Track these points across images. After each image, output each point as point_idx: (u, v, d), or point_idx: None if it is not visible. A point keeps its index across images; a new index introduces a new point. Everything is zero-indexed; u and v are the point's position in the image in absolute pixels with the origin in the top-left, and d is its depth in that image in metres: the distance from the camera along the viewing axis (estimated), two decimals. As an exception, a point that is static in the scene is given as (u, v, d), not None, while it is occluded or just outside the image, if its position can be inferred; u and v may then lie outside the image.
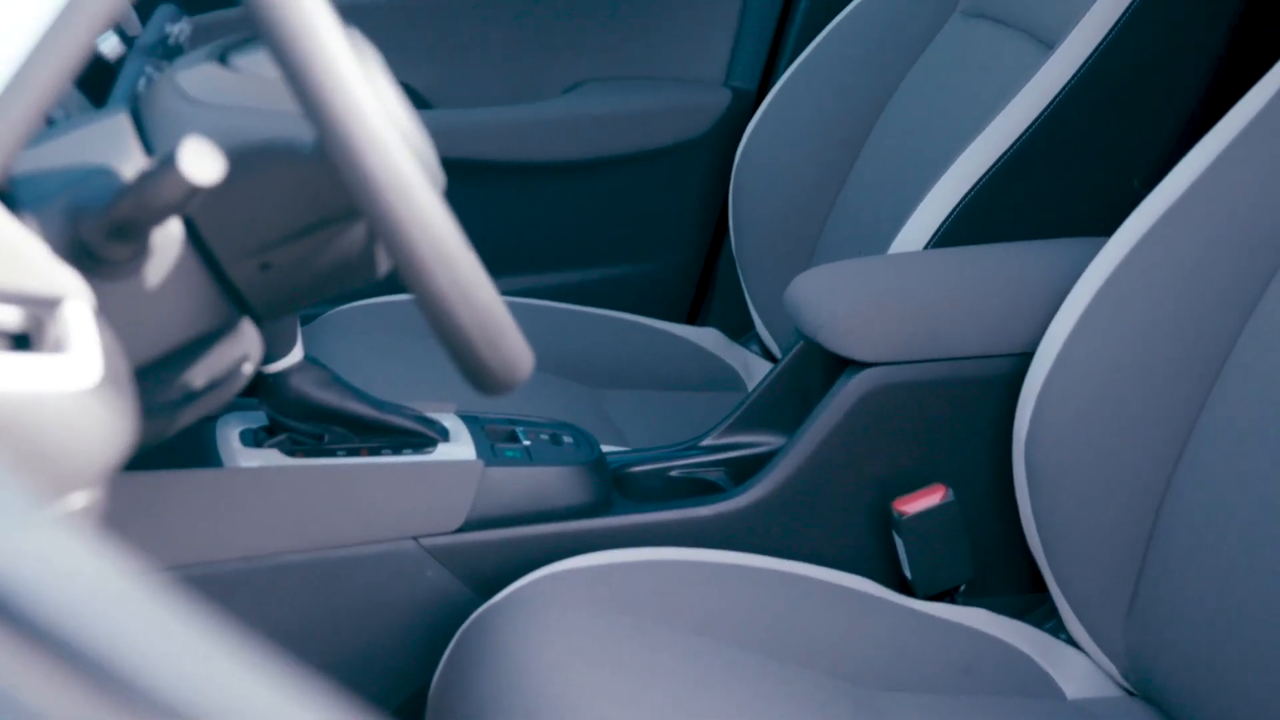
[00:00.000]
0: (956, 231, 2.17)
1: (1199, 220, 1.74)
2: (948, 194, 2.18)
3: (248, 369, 1.24)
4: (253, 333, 1.23)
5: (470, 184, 2.68)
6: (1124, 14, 2.16)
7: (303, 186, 1.14)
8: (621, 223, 2.79)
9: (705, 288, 2.88)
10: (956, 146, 2.21)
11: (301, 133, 1.13)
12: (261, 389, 1.72)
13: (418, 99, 2.73)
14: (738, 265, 2.56)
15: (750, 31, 2.80)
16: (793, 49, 2.76)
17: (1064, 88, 2.17)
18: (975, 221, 2.17)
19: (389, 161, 1.01)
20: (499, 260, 2.64)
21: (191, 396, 1.21)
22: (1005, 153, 2.17)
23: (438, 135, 2.53)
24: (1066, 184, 2.23)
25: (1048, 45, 2.24)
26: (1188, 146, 1.82)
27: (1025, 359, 1.83)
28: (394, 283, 1.19)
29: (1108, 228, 1.83)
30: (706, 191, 2.79)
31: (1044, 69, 2.17)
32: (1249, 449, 1.64)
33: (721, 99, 2.76)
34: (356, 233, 1.19)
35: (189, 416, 1.22)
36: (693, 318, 2.88)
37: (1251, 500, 1.61)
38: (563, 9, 2.76)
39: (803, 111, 2.52)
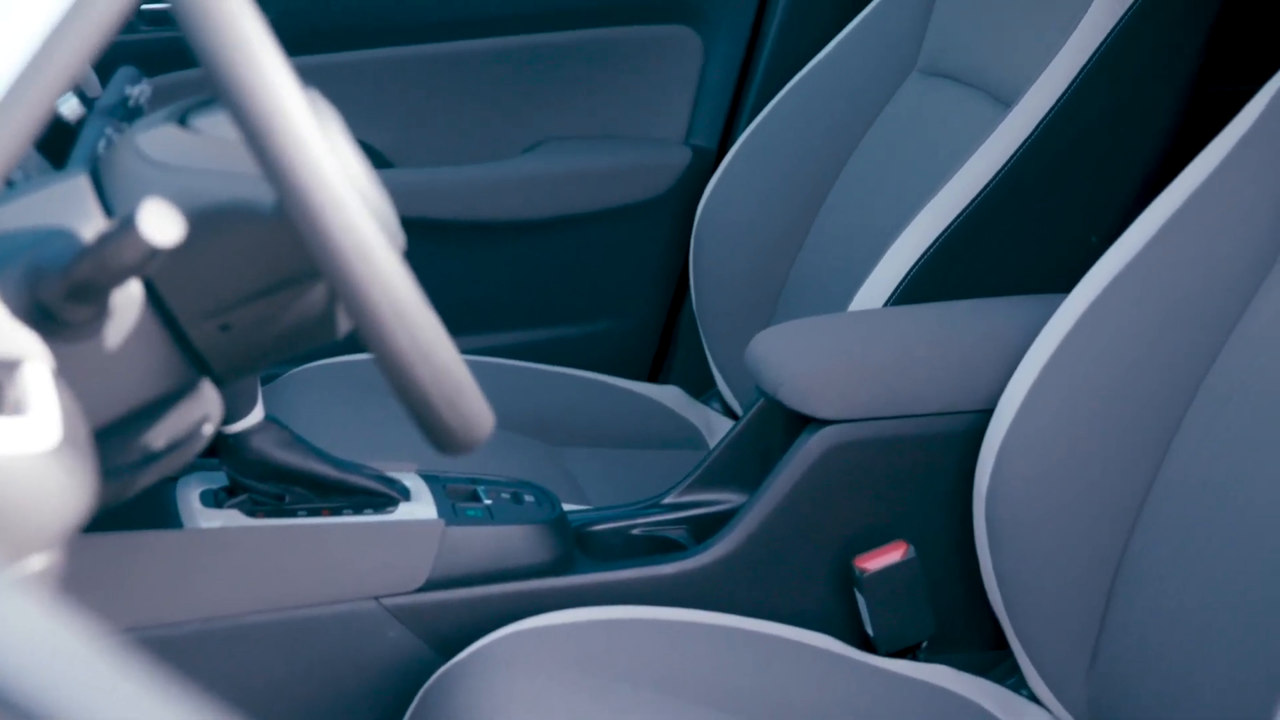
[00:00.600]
0: (916, 288, 2.18)
1: (1156, 277, 1.75)
2: (907, 251, 2.19)
3: (208, 430, 1.24)
4: (213, 393, 1.23)
5: (431, 243, 2.68)
6: (1080, 72, 2.18)
7: (263, 248, 1.14)
8: (582, 281, 2.79)
9: (666, 345, 2.88)
10: (916, 204, 2.22)
11: (262, 194, 1.13)
12: (222, 449, 1.71)
13: (378, 158, 2.73)
14: (698, 323, 2.56)
15: (710, 90, 2.81)
16: (752, 107, 2.77)
17: (1021, 145, 2.18)
18: (935, 278, 2.18)
19: (348, 222, 1.01)
20: (460, 319, 2.64)
21: (151, 458, 1.21)
22: (964, 210, 2.18)
23: (398, 194, 2.53)
24: (1025, 241, 2.24)
25: (1005, 103, 2.25)
26: (1145, 203, 1.83)
27: (985, 416, 1.84)
28: (355, 342, 1.19)
29: (1066, 284, 1.84)
30: (667, 249, 2.80)
31: (1001, 127, 2.18)
32: (1207, 506, 1.65)
33: (682, 157, 2.77)
34: (317, 293, 1.19)
35: (149, 478, 1.22)
36: (654, 375, 2.89)
37: (1210, 557, 1.62)
38: (523, 68, 2.77)
39: (763, 169, 2.53)
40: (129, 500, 1.22)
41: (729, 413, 2.57)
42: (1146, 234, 1.76)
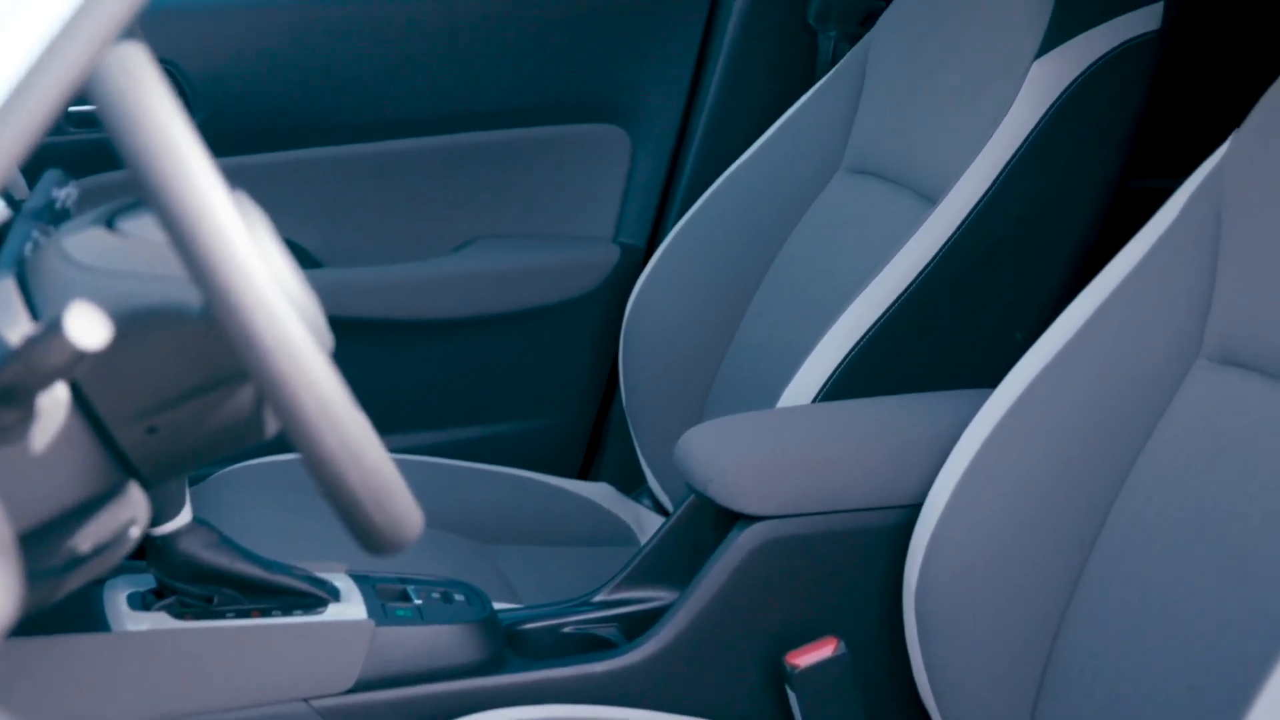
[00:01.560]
0: (844, 384, 2.19)
1: (1080, 373, 1.76)
2: (835, 347, 2.20)
3: (135, 532, 1.24)
4: (140, 495, 1.23)
5: (360, 342, 2.68)
6: (1003, 170, 2.21)
7: (190, 349, 1.14)
8: (512, 379, 2.80)
9: (597, 443, 2.88)
10: (843, 300, 2.23)
11: (189, 296, 1.13)
12: (150, 552, 1.70)
13: (307, 258, 2.73)
14: (628, 420, 2.56)
15: (638, 188, 2.83)
16: (680, 205, 2.79)
17: (946, 242, 2.20)
18: (862, 374, 2.20)
19: (275, 324, 1.01)
20: (390, 418, 2.63)
21: (78, 561, 1.20)
22: (890, 306, 2.20)
23: (327, 294, 2.53)
24: (951, 336, 2.26)
25: (930, 201, 2.27)
26: (1069, 299, 1.85)
27: (914, 510, 1.84)
28: (284, 442, 1.19)
29: (992, 380, 1.86)
30: (597, 347, 2.80)
31: (926, 224, 2.20)
32: (1133, 600, 1.66)
33: (610, 255, 2.78)
34: (244, 394, 1.19)
35: (75, 581, 1.21)
36: (584, 473, 2.88)
37: (1137, 651, 1.63)
38: (452, 167, 2.78)
39: (691, 267, 2.54)
40: (56, 604, 1.21)
41: (660, 509, 2.58)
42: (1070, 330, 1.78)
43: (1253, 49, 2.70)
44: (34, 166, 1.52)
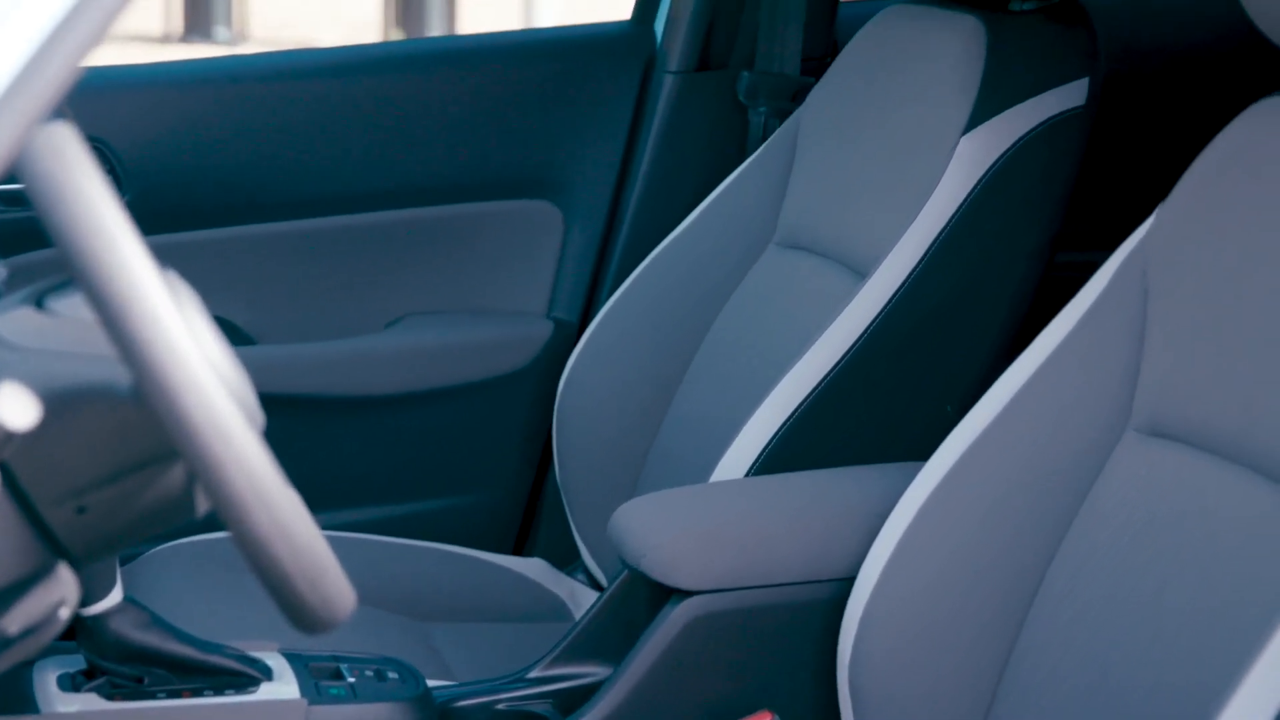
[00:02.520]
0: (777, 458, 2.20)
1: (1010, 446, 1.78)
2: (768, 421, 2.21)
3: (65, 613, 1.23)
4: (70, 576, 1.22)
5: (293, 419, 2.67)
6: (933, 244, 2.22)
7: (120, 429, 1.14)
8: (445, 455, 2.79)
9: (530, 518, 2.88)
10: (775, 374, 2.24)
11: (118, 375, 1.13)
12: (80, 632, 1.69)
13: (239, 335, 2.72)
14: (562, 495, 2.56)
15: (571, 263, 2.83)
16: (613, 280, 2.80)
17: (877, 316, 2.21)
18: (795, 448, 2.20)
19: (205, 402, 1.01)
20: (321, 495, 2.62)
21: (7, 643, 1.19)
22: (823, 380, 2.21)
23: (260, 371, 2.51)
24: (883, 409, 2.27)
25: (861, 275, 2.29)
26: (999, 372, 1.86)
27: (848, 584, 1.85)
28: (215, 520, 1.18)
29: (924, 453, 1.87)
30: (530, 422, 2.80)
31: (857, 298, 2.22)
32: (1066, 671, 1.67)
33: (543, 330, 2.79)
34: (175, 473, 1.19)
35: (4, 663, 1.20)
36: (518, 548, 2.88)
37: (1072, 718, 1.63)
38: (384, 243, 2.78)
39: (624, 342, 2.54)
40: (-17, 686, 1.20)
41: (594, 584, 2.57)
42: (1000, 403, 1.79)
43: (1177, 125, 2.73)
44: (-38, 246, 1.52)
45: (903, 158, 2.31)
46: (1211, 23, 2.94)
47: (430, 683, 1.95)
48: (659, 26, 2.84)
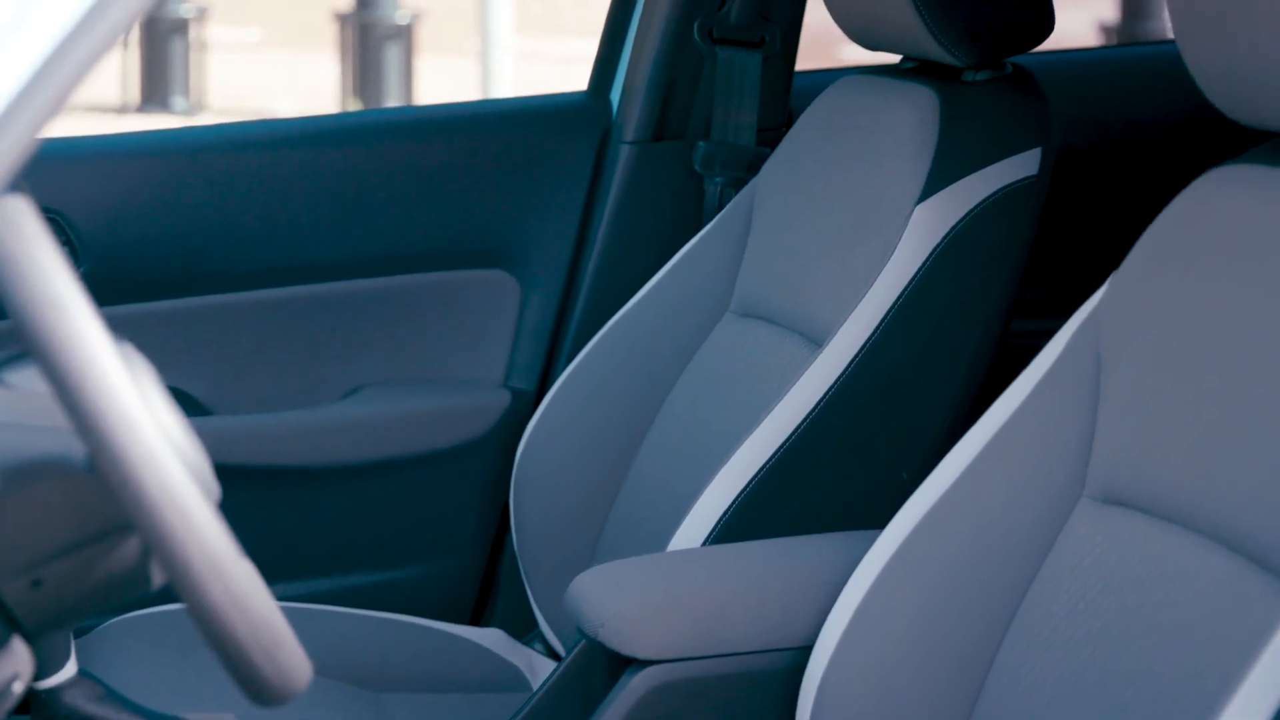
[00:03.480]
0: (734, 527, 2.20)
1: (966, 514, 1.78)
2: (724, 490, 2.21)
3: (18, 687, 1.22)
4: (24, 650, 1.21)
5: (249, 490, 2.66)
6: (888, 312, 2.23)
7: (75, 502, 1.14)
8: (402, 525, 2.78)
9: (488, 588, 2.87)
10: (732, 443, 2.25)
11: (73, 448, 1.13)
12: (33, 707, 1.68)
13: (195, 406, 2.72)
14: (520, 564, 2.56)
15: (528, 333, 2.84)
16: (570, 350, 2.80)
17: (833, 385, 2.22)
18: (752, 517, 2.21)
19: (160, 475, 1.01)
20: (278, 566, 2.61)
21: (-41, 717, 1.18)
22: (779, 449, 2.22)
23: (215, 442, 2.51)
24: (839, 478, 2.27)
25: (817, 344, 2.30)
26: (956, 438, 1.87)
27: (805, 652, 1.85)
28: (171, 592, 1.18)
29: (881, 520, 1.87)
30: (487, 491, 2.80)
31: (813, 367, 2.23)
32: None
33: (500, 400, 2.79)
34: (130, 546, 1.18)
35: (-44, 738, 1.19)
36: (476, 618, 2.87)
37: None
38: (341, 313, 2.78)
39: (581, 411, 2.55)
40: (-65, 762, 1.19)
41: (552, 654, 2.57)
42: (956, 471, 1.80)
43: (1131, 194, 2.76)
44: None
45: (858, 227, 2.32)
46: (1165, 95, 2.96)
47: (387, 755, 1.94)
48: (615, 97, 2.85)
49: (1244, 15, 1.59)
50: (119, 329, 1.07)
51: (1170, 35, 1.81)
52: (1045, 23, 2.33)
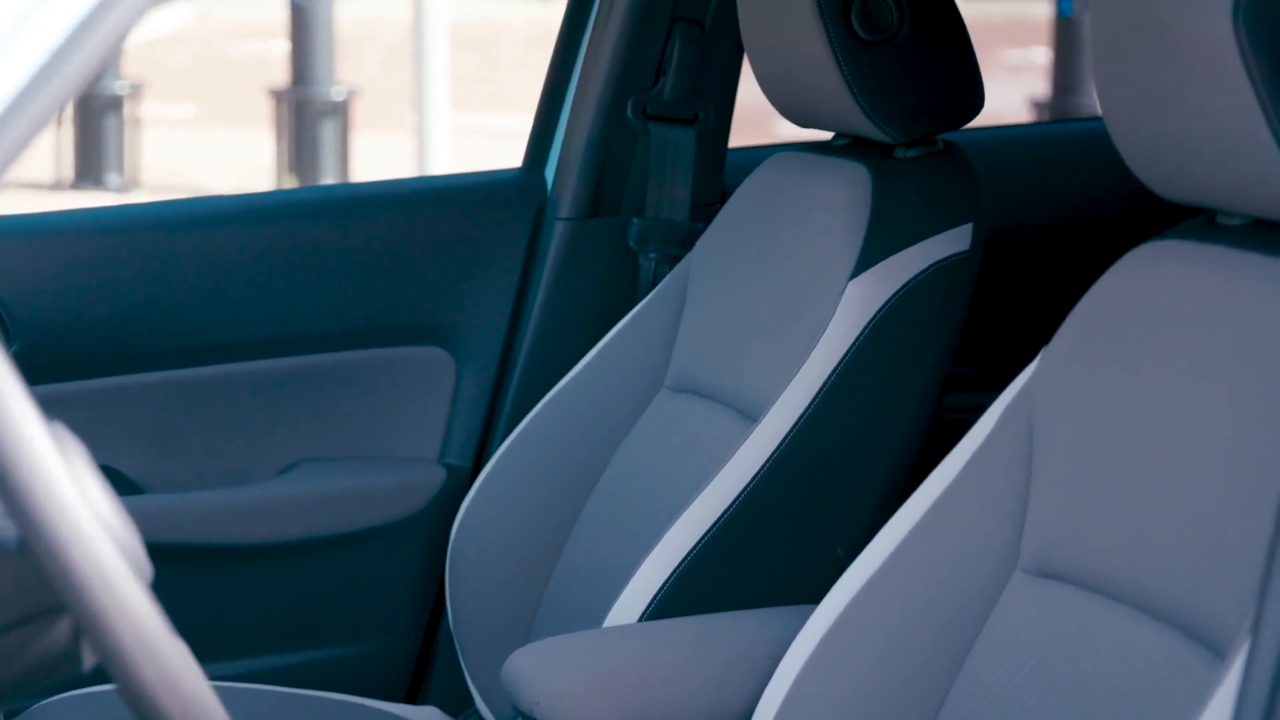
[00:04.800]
0: (670, 603, 2.20)
1: (901, 588, 1.79)
2: (660, 565, 2.21)
3: (-53, 770, 1.21)
4: (-48, 732, 1.20)
5: (183, 568, 2.65)
6: (822, 388, 2.24)
7: (5, 583, 1.13)
8: (337, 602, 2.77)
9: (424, 665, 2.86)
10: (668, 519, 2.25)
11: (4, 528, 1.12)
12: (-38, 789, 1.66)
13: (128, 484, 2.70)
14: (456, 642, 2.55)
15: (463, 409, 2.83)
16: (505, 426, 2.80)
17: (768, 460, 2.23)
18: (688, 592, 2.21)
19: (90, 555, 1.01)
20: (212, 645, 2.60)
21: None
22: (714, 524, 2.22)
23: (149, 521, 2.50)
24: (774, 553, 2.28)
25: (751, 419, 2.30)
26: (890, 513, 1.88)
27: (742, 729, 1.85)
28: (103, 673, 1.17)
29: (816, 595, 1.87)
30: (423, 568, 2.79)
31: (747, 443, 2.23)
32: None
33: (436, 476, 2.78)
34: (61, 627, 1.18)
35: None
36: (411, 696, 2.86)
37: None
38: (275, 391, 2.77)
39: (517, 487, 2.55)
40: None
41: (488, 732, 2.56)
42: (890, 546, 1.81)
43: (1059, 269, 2.78)
44: None
45: (791, 302, 2.34)
46: (1095, 171, 3.00)
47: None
48: (549, 173, 2.86)
49: (1168, 93, 1.61)
50: (51, 408, 1.06)
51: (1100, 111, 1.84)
52: (975, 100, 2.36)
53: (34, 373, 2.56)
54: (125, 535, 1.12)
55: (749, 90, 2.68)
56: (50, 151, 10.54)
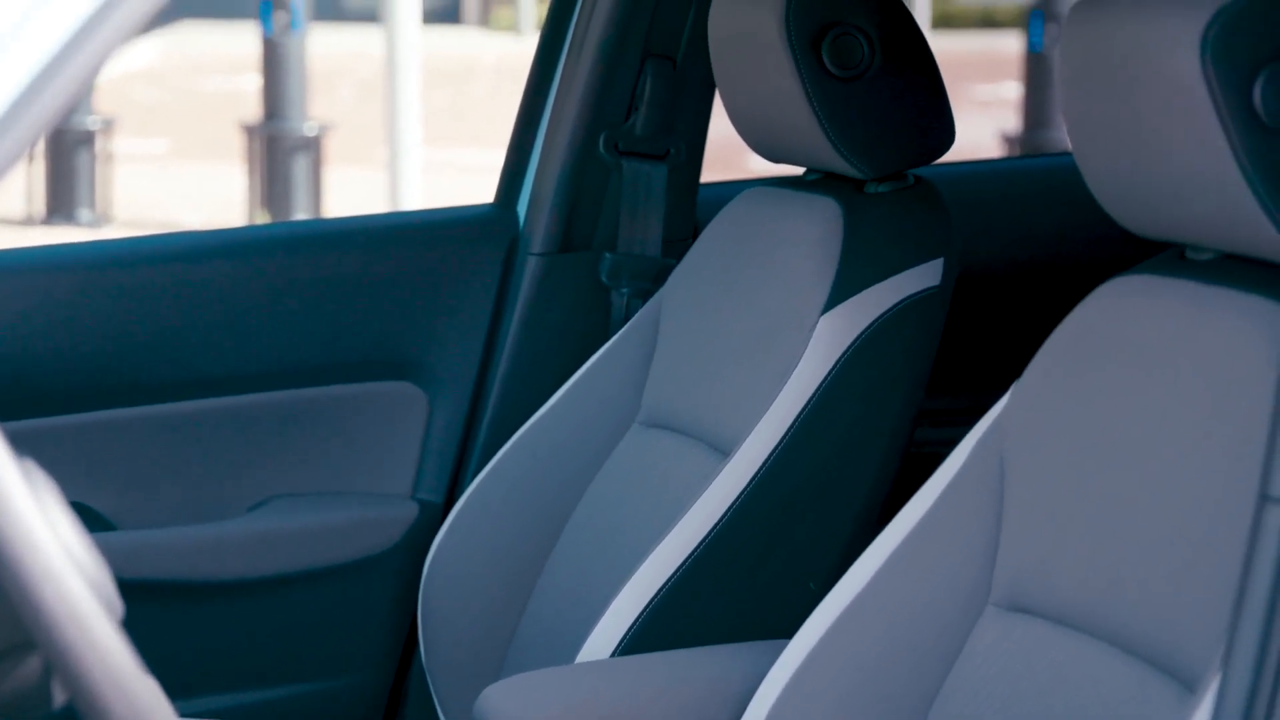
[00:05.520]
0: (643, 637, 2.20)
1: (873, 622, 1.79)
2: (633, 600, 2.21)
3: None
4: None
5: (155, 605, 2.64)
6: (794, 422, 2.25)
7: (-25, 620, 1.12)
8: (309, 639, 2.76)
9: (396, 702, 2.85)
10: (640, 553, 2.25)
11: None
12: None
13: (99, 521, 2.69)
14: (429, 677, 2.55)
15: (435, 445, 2.83)
16: (478, 461, 2.80)
17: (740, 494, 2.23)
18: (661, 627, 2.21)
19: (61, 592, 1.00)
20: (184, 682, 2.59)
21: None
22: (687, 559, 2.22)
23: (120, 557, 2.49)
24: (747, 587, 2.28)
25: (724, 453, 2.30)
26: (862, 547, 1.88)
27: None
28: (73, 711, 1.17)
29: (789, 630, 1.87)
30: (395, 604, 2.78)
31: (720, 477, 2.24)
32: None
33: (408, 512, 2.78)
34: (32, 664, 1.17)
35: None
36: (384, 732, 2.85)
37: None
38: (247, 427, 2.77)
39: (489, 522, 2.55)
40: None
41: (461, 768, 2.55)
42: (862, 580, 1.81)
43: (1030, 303, 2.79)
44: None
45: (763, 337, 2.34)
46: (1066, 205, 3.01)
47: None
48: (522, 209, 2.87)
49: (1137, 129, 1.62)
50: (20, 445, 1.06)
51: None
52: (946, 135, 2.37)
53: (4, 409, 2.55)
54: (96, 572, 1.12)
55: (721, 125, 2.69)
56: (22, 187, 10.52)
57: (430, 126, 11.35)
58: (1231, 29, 1.53)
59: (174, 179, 12.06)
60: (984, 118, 12.27)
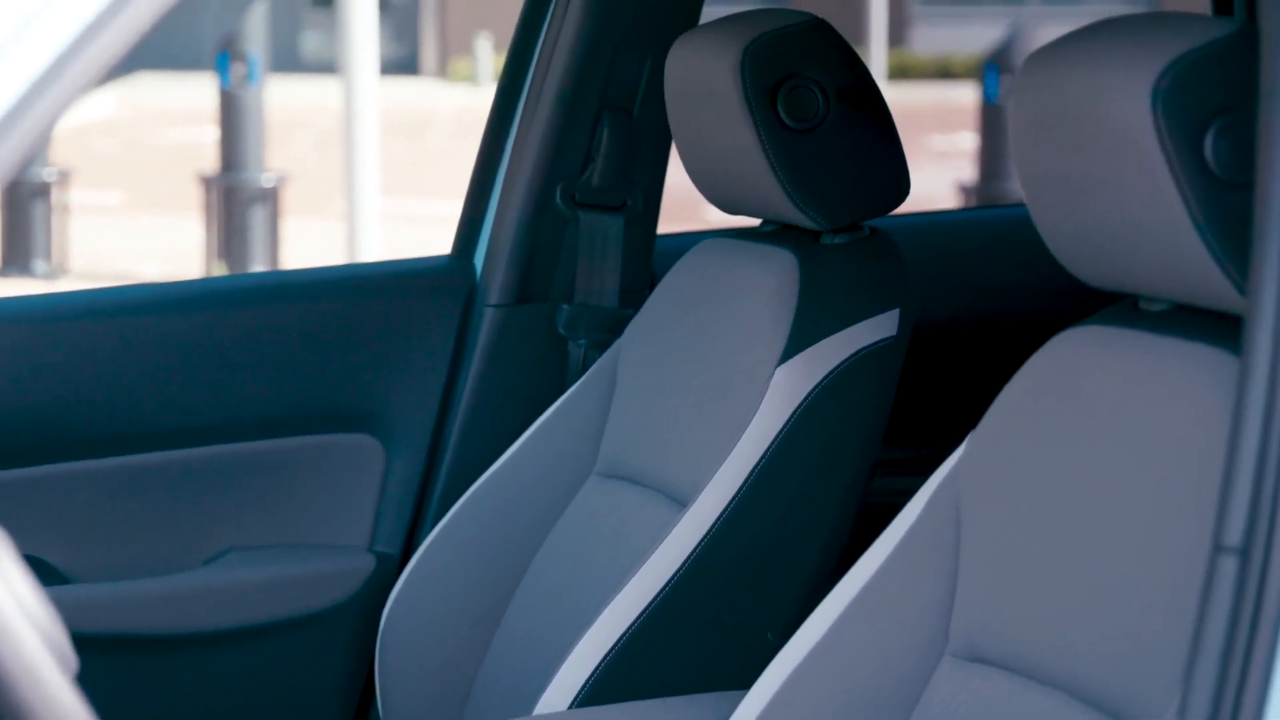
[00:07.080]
0: (601, 688, 2.19)
1: (830, 672, 1.79)
2: (591, 651, 2.21)
3: None
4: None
5: (110, 659, 2.62)
6: (751, 474, 2.25)
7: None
8: (266, 692, 2.75)
9: (354, 755, 2.84)
10: (598, 605, 2.25)
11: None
12: None
13: (54, 574, 2.68)
14: (385, 730, 2.54)
15: (392, 496, 2.83)
16: (435, 513, 2.79)
17: (697, 546, 2.24)
18: (619, 678, 2.20)
19: (14, 647, 1.00)
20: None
21: None
22: (645, 610, 2.22)
23: (75, 611, 2.48)
24: (705, 638, 2.28)
25: (681, 504, 2.31)
26: (819, 598, 1.88)
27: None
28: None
29: (746, 681, 1.87)
30: (352, 656, 2.77)
31: (677, 528, 2.24)
32: None
33: (365, 564, 2.77)
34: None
35: None
36: (340, 787, 2.83)
37: None
38: (204, 479, 2.76)
39: (447, 574, 2.54)
40: None
41: (418, 822, 2.54)
42: (819, 631, 1.81)
43: (986, 354, 2.80)
44: None
45: (720, 389, 2.34)
46: (1021, 256, 3.02)
47: None
48: (479, 260, 2.87)
49: (1089, 180, 1.63)
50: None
51: (1023, 198, 1.87)
52: (901, 186, 2.38)
53: (-42, 462, 2.54)
54: (50, 626, 1.12)
55: (677, 176, 2.70)
56: (-24, 238, 10.49)
57: (388, 177, 11.36)
58: (1182, 81, 1.55)
59: (130, 230, 12.04)
60: (940, 168, 12.34)
